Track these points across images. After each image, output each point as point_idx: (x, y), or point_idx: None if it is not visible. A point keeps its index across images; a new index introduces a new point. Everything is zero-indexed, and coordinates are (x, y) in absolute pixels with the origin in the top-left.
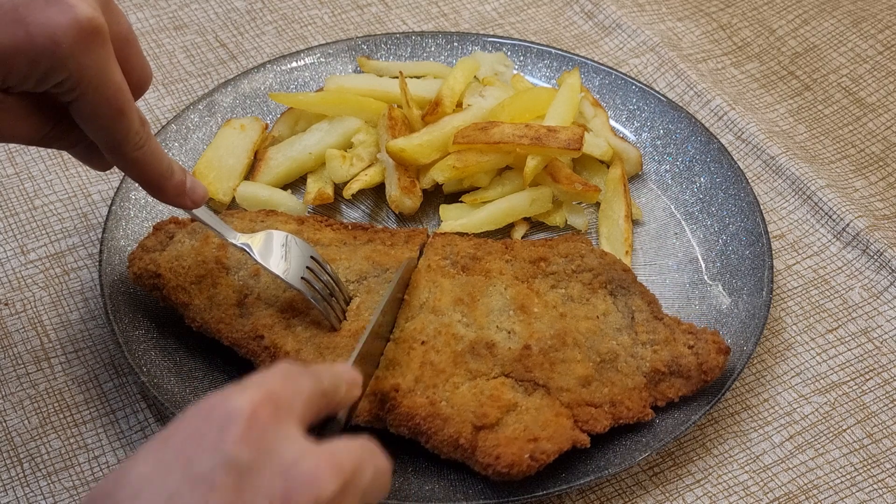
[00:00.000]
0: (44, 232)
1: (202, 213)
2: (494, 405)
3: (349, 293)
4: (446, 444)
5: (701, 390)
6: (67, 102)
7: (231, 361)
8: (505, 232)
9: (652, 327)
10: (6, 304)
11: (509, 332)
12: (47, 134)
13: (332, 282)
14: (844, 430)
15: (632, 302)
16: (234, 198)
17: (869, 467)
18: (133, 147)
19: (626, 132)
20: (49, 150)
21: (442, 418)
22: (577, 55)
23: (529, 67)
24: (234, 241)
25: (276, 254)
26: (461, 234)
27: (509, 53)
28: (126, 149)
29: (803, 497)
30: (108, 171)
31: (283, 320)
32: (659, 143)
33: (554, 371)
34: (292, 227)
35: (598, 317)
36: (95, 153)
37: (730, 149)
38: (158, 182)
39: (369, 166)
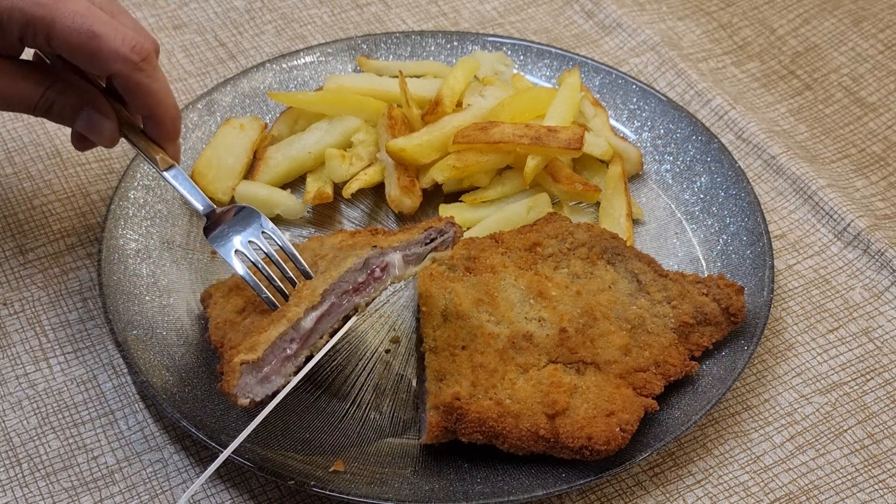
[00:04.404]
0: (42, 232)
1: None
2: (558, 391)
3: (309, 273)
4: (525, 438)
5: (707, 386)
6: (50, 51)
7: None
8: None
9: (661, 285)
10: (5, 304)
11: (539, 321)
12: (44, 96)
13: (274, 260)
14: (845, 431)
15: (631, 266)
16: (233, 197)
17: (870, 468)
18: (129, 67)
19: (627, 132)
20: (47, 149)
21: (513, 415)
22: (578, 54)
23: (529, 67)
24: (199, 207)
25: (225, 225)
26: None
27: (509, 53)
28: (116, 66)
29: (804, 497)
30: (107, 172)
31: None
32: (659, 142)
33: (596, 347)
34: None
35: (609, 287)
36: (97, 123)
37: (730, 148)
38: (167, 114)
39: (369, 166)
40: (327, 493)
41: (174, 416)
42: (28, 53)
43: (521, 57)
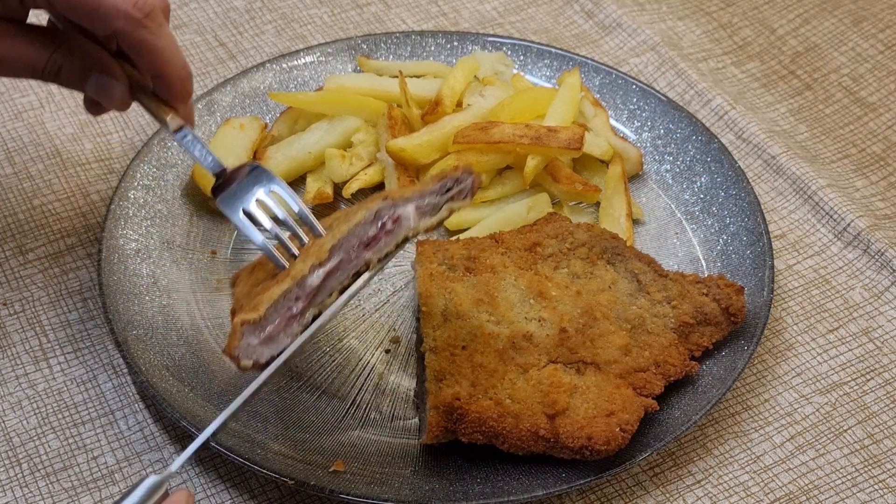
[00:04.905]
0: (42, 232)
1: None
2: (558, 391)
3: (321, 232)
4: (525, 439)
5: (707, 386)
6: (51, 10)
7: (228, 361)
8: None
9: (661, 285)
10: (5, 304)
11: (539, 321)
12: (51, 60)
13: (283, 217)
14: (845, 431)
15: (631, 266)
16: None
17: (870, 468)
18: (131, 24)
19: (627, 132)
20: (47, 149)
21: (513, 415)
22: (578, 54)
23: (529, 67)
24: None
25: (233, 185)
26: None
27: (509, 53)
28: (118, 24)
29: (804, 497)
30: (107, 172)
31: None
32: (659, 142)
33: (596, 347)
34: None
35: (609, 287)
36: (107, 86)
37: (730, 148)
38: (175, 73)
39: (369, 165)
40: (327, 493)
41: (174, 416)
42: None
43: (521, 57)
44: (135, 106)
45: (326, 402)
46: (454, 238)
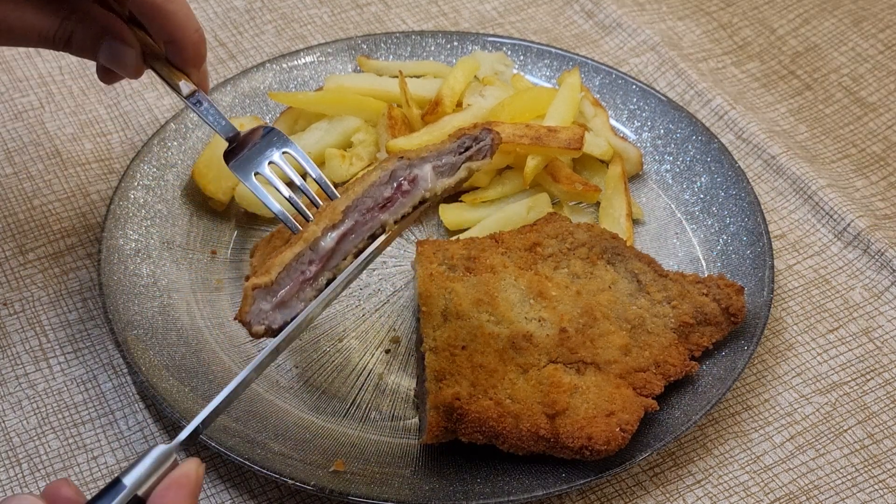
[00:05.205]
0: (42, 232)
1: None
2: (558, 391)
3: (336, 194)
4: (525, 439)
5: (707, 386)
6: None
7: (228, 361)
8: None
9: (661, 285)
10: (5, 304)
11: (539, 321)
12: (62, 27)
13: (298, 182)
14: (845, 431)
15: (631, 266)
16: (233, 197)
17: (870, 468)
18: None
19: (627, 132)
20: (47, 149)
21: (513, 416)
22: (578, 55)
23: (529, 67)
24: (221, 131)
25: (244, 148)
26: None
27: (509, 53)
28: None
29: (804, 497)
30: (107, 172)
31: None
32: (659, 142)
33: (596, 347)
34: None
35: (609, 287)
36: (119, 52)
37: (730, 148)
38: (187, 38)
39: (369, 165)
40: (327, 493)
41: (174, 416)
42: None
43: (521, 57)
44: (134, 106)
45: (326, 402)
46: (454, 238)
